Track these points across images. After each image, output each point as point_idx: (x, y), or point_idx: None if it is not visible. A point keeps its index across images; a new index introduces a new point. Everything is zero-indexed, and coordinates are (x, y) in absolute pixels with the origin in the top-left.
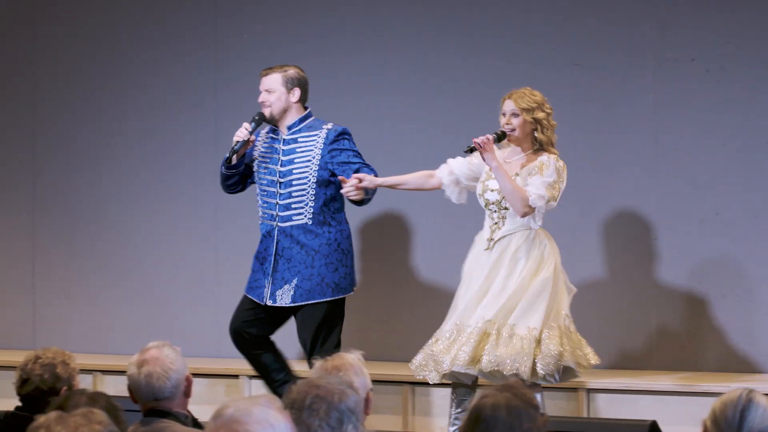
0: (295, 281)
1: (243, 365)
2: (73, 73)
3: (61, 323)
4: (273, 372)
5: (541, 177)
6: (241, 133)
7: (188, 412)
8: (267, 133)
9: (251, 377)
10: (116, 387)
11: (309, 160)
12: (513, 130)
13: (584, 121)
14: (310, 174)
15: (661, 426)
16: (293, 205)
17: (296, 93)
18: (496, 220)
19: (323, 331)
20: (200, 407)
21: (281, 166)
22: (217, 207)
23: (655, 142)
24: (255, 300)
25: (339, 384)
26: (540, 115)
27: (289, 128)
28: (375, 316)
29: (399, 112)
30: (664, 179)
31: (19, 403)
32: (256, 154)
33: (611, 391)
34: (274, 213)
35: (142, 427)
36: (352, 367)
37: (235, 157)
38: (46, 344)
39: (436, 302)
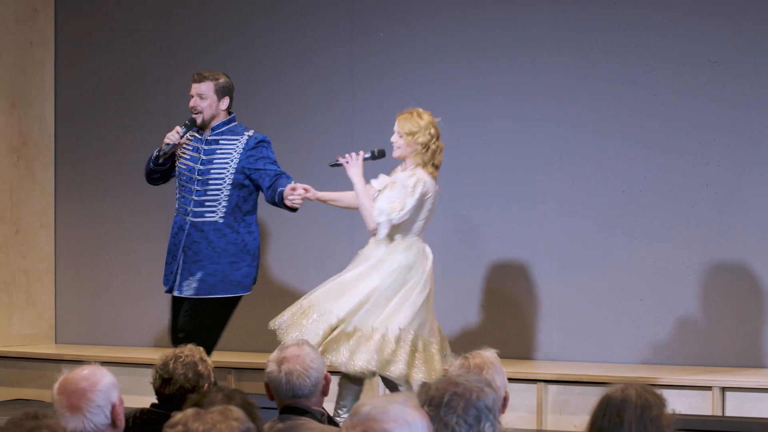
0: (199, 275)
1: None
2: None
3: None
4: None
5: (389, 192)
6: (173, 137)
7: (323, 409)
8: (192, 131)
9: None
10: (251, 385)
11: (227, 162)
12: (397, 148)
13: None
14: (227, 175)
15: None
16: (207, 203)
17: (225, 102)
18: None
19: (211, 326)
20: (333, 405)
21: (201, 164)
22: None
23: None
24: (167, 290)
25: (477, 382)
26: (422, 139)
27: (213, 129)
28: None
29: (523, 111)
30: None
31: (155, 400)
32: (178, 150)
33: (746, 389)
34: (188, 208)
35: (279, 423)
36: (494, 365)
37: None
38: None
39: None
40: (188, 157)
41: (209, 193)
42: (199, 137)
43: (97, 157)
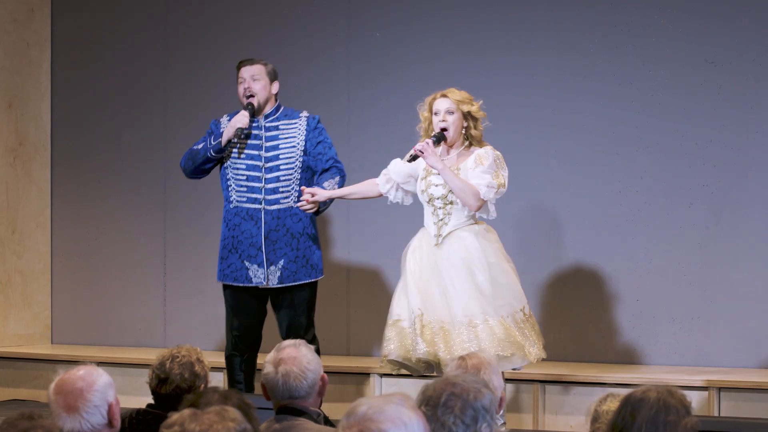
0: (281, 262)
1: (374, 363)
2: (203, 72)
3: (191, 321)
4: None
5: (483, 167)
6: (244, 120)
7: (320, 410)
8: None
9: (382, 375)
10: None
11: (294, 147)
12: (445, 129)
13: (717, 120)
14: (296, 160)
15: None
16: (281, 189)
17: (276, 86)
18: (441, 216)
19: (311, 312)
20: (331, 405)
21: (265, 151)
22: (349, 204)
23: None
24: (239, 284)
25: (475, 383)
26: (472, 108)
27: (267, 116)
28: None
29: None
30: None
31: (151, 401)
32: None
33: (742, 389)
34: (260, 197)
35: (276, 424)
36: (491, 366)
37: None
38: (176, 342)
39: None
40: (245, 146)
41: (282, 179)
42: (254, 124)
43: (94, 157)
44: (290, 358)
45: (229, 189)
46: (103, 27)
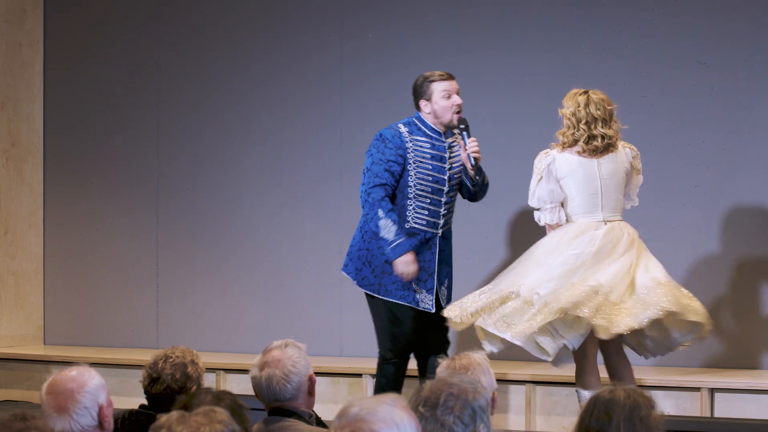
0: (446, 282)
1: (365, 364)
2: (196, 72)
3: (183, 321)
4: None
5: None
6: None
7: (312, 411)
8: (422, 135)
9: (374, 376)
10: (239, 386)
11: (461, 165)
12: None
13: (709, 121)
14: (460, 176)
15: None
16: (452, 209)
17: None
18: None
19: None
20: (324, 406)
21: (450, 170)
22: (341, 206)
23: None
24: (416, 308)
25: (470, 383)
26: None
27: (446, 134)
28: None
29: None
30: None
31: (144, 401)
32: (412, 156)
33: (735, 390)
34: (438, 221)
35: (266, 426)
36: (480, 366)
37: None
38: (169, 343)
39: None
40: (431, 167)
41: (453, 200)
42: (441, 144)
43: (86, 159)
44: (274, 361)
45: (408, 209)
46: (95, 28)
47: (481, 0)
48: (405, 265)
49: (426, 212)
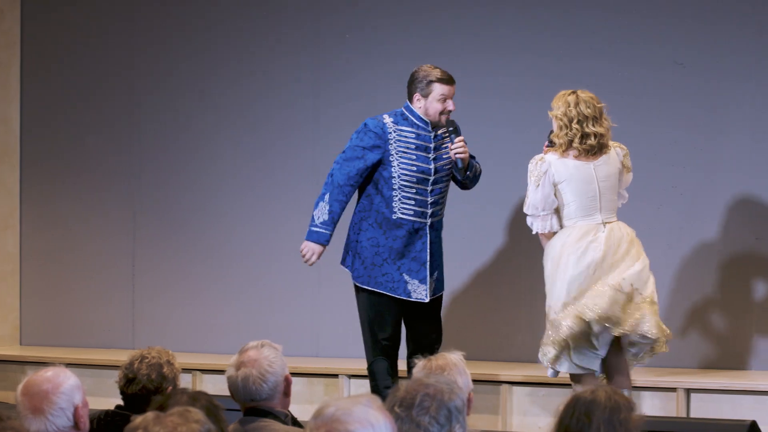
0: (436, 274)
1: (342, 364)
2: (172, 72)
3: (159, 322)
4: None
5: None
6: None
7: (288, 411)
8: (408, 125)
9: (350, 376)
10: (215, 386)
11: (449, 158)
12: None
13: (686, 121)
14: (450, 168)
15: (762, 426)
16: (440, 201)
17: None
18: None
19: (440, 323)
20: (300, 406)
21: (433, 163)
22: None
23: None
24: (398, 296)
25: (446, 383)
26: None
27: (434, 127)
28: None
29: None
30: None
31: (121, 402)
32: (394, 146)
33: (710, 391)
34: (426, 210)
35: (242, 426)
36: (456, 366)
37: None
38: (145, 343)
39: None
40: (415, 157)
41: (443, 191)
42: (426, 135)
43: (63, 159)
44: (251, 361)
45: (395, 199)
46: (71, 29)
47: (460, 2)
48: (311, 251)
49: (413, 202)
